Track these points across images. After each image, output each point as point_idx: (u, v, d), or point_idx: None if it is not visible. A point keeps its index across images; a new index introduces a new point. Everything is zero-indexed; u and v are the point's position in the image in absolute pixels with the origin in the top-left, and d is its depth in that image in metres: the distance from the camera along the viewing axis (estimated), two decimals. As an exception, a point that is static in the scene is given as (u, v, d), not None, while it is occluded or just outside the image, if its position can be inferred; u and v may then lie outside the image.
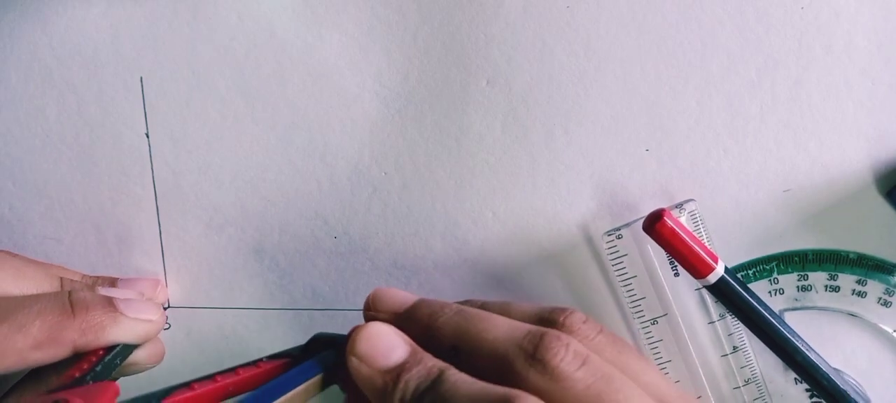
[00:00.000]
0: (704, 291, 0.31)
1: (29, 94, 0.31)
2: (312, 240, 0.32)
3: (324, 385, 0.25)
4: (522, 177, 0.31)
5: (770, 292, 0.31)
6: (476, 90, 0.30)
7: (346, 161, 0.31)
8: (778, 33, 0.29)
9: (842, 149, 0.30)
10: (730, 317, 0.31)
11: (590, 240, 0.31)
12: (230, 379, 0.24)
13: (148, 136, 0.31)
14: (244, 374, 0.24)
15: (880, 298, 0.30)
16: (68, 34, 0.30)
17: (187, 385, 0.23)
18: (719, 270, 0.29)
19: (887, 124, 0.29)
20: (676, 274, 0.31)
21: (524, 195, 0.31)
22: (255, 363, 0.25)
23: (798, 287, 0.31)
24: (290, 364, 0.25)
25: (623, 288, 0.31)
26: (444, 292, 0.32)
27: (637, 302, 0.31)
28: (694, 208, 0.30)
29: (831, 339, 0.31)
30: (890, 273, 0.30)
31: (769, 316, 0.30)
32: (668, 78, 0.30)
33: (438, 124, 0.31)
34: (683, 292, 0.31)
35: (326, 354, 0.25)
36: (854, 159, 0.30)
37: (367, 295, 0.27)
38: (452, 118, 0.31)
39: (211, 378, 0.24)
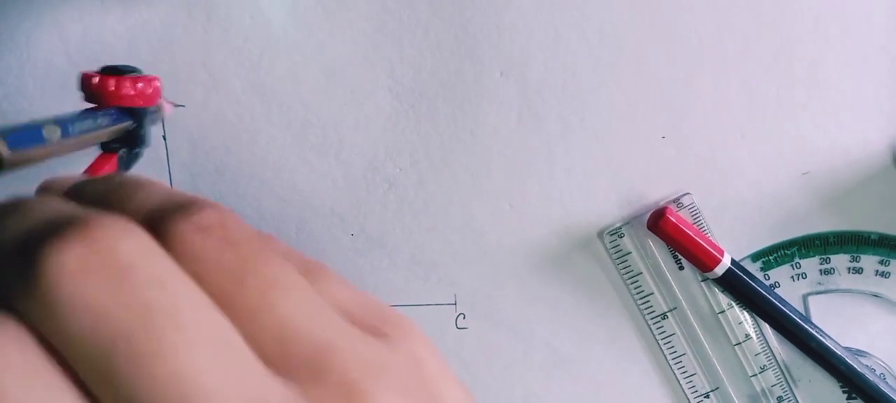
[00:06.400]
0: (710, 281, 0.30)
1: (47, 102, 0.31)
2: (329, 238, 0.32)
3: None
4: (539, 167, 0.31)
5: (792, 277, 0.31)
6: (490, 82, 0.30)
7: (360, 157, 0.31)
8: (794, 13, 0.29)
9: (861, 129, 0.29)
10: (737, 306, 0.31)
11: (606, 230, 0.31)
12: None
13: (165, 139, 0.31)
14: None
15: (905, 278, 0.30)
16: (85, 41, 0.31)
17: None
18: (726, 262, 0.29)
19: (907, 102, 0.29)
20: (681, 268, 0.31)
21: (541, 186, 0.31)
22: None
23: (820, 270, 0.31)
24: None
25: (631, 285, 0.31)
26: (464, 286, 0.32)
27: (645, 298, 0.31)
28: (691, 201, 0.30)
29: (855, 321, 0.31)
30: (914, 252, 0.30)
31: (779, 304, 0.30)
32: (684, 62, 0.29)
33: (453, 117, 0.31)
34: (690, 284, 0.31)
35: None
36: (874, 139, 0.29)
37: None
38: (466, 111, 0.31)
39: None
